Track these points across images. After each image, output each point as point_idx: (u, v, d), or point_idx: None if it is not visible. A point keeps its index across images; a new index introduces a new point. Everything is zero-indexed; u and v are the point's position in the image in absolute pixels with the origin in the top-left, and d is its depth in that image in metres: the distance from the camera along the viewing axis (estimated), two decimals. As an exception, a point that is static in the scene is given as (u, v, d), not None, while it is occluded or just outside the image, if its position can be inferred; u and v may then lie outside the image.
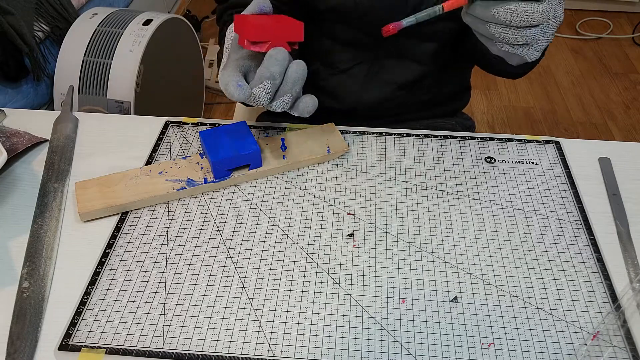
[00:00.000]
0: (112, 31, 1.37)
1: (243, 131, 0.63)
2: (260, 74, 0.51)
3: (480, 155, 0.66)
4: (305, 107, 0.55)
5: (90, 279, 0.52)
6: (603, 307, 0.50)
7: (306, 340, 0.48)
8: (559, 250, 0.55)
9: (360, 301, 0.50)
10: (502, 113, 1.97)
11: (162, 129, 0.70)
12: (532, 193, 0.61)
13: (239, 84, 0.50)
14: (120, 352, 0.47)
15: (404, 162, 0.65)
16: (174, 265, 0.54)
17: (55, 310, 0.50)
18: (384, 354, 0.47)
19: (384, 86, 0.76)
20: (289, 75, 0.52)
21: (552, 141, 0.68)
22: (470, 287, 0.52)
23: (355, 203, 0.60)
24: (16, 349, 0.47)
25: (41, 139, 0.68)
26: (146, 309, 0.50)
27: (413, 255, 0.54)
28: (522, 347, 0.47)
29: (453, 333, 0.48)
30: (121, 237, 0.56)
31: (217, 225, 0.58)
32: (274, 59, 0.51)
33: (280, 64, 0.51)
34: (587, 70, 2.17)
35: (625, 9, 2.48)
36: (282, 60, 0.51)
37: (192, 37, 1.66)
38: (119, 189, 0.59)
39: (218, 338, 0.48)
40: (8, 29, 1.24)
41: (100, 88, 1.34)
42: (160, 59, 1.45)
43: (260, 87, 0.51)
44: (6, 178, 0.64)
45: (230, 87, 0.51)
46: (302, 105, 0.55)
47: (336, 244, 0.56)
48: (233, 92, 0.50)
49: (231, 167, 0.61)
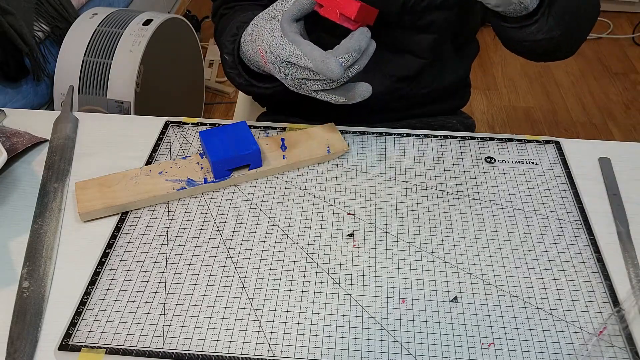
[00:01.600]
0: (112, 31, 1.37)
1: (243, 131, 0.63)
2: (349, 45, 0.53)
3: (480, 155, 0.66)
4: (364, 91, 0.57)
5: (90, 279, 0.52)
6: (603, 307, 0.50)
7: (306, 340, 0.48)
8: (559, 250, 0.55)
9: (360, 301, 0.50)
10: (502, 113, 1.97)
11: (162, 129, 0.70)
12: (532, 193, 0.61)
13: (340, 61, 0.52)
14: (120, 352, 0.47)
15: (404, 162, 0.65)
16: (174, 265, 0.54)
17: (55, 310, 0.50)
18: (384, 354, 0.47)
19: (383, 79, 0.76)
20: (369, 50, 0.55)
21: (552, 141, 0.68)
22: (470, 287, 0.52)
23: (355, 203, 0.60)
24: (16, 349, 0.47)
25: (41, 139, 0.68)
26: (146, 309, 0.50)
27: (413, 255, 0.54)
28: (522, 347, 0.47)
29: (453, 333, 0.48)
30: (121, 237, 0.56)
31: (217, 225, 0.58)
32: (364, 35, 0.54)
33: (367, 43, 0.54)
34: (587, 70, 2.17)
35: (625, 9, 2.48)
36: (369, 39, 0.54)
37: (192, 37, 1.66)
38: (119, 189, 0.59)
39: (218, 338, 0.48)
40: (8, 29, 1.24)
41: (100, 88, 1.34)
42: (160, 59, 1.45)
43: (344, 57, 0.53)
44: (6, 178, 0.64)
45: (331, 62, 0.52)
46: (361, 89, 0.57)
47: (336, 244, 0.56)
48: (334, 68, 0.52)
49: (231, 167, 0.61)
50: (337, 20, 0.55)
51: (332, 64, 0.52)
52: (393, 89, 0.77)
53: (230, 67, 0.66)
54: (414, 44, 0.73)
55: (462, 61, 0.81)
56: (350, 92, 0.57)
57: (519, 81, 2.12)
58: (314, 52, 0.53)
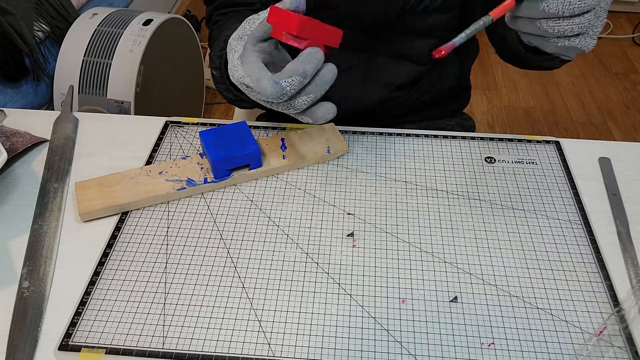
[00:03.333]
0: (112, 31, 1.37)
1: (243, 131, 0.63)
2: (292, 69, 0.48)
3: (480, 155, 0.66)
4: (325, 113, 0.52)
5: (90, 279, 0.52)
6: (603, 307, 0.50)
7: (306, 340, 0.48)
8: (559, 250, 0.55)
9: (360, 301, 0.50)
10: (502, 113, 1.97)
11: (162, 129, 0.70)
12: (532, 193, 0.61)
13: (273, 80, 0.48)
14: (120, 352, 0.47)
15: (404, 162, 0.65)
16: (174, 265, 0.54)
17: (55, 310, 0.50)
18: (384, 354, 0.47)
19: (381, 88, 0.75)
20: (321, 76, 0.50)
21: (552, 141, 0.68)
22: (470, 287, 0.52)
23: (355, 203, 0.60)
24: (16, 349, 0.47)
25: (41, 139, 0.68)
26: (146, 309, 0.50)
27: (413, 255, 0.54)
28: (522, 347, 0.47)
29: (453, 333, 0.48)
30: (121, 237, 0.56)
31: (217, 225, 0.58)
32: (312, 57, 0.48)
33: (315, 64, 0.49)
34: (587, 70, 2.17)
35: (625, 9, 2.48)
36: (318, 61, 0.49)
37: (192, 37, 1.66)
38: (119, 189, 0.59)
39: (218, 338, 0.48)
40: (8, 29, 1.25)
41: (100, 88, 1.34)
42: (160, 59, 1.45)
43: (287, 81, 0.48)
44: (6, 178, 0.64)
45: (264, 82, 0.49)
46: (322, 110, 0.52)
47: (336, 244, 0.56)
48: (267, 87, 0.48)
49: (231, 167, 0.61)
50: (282, 40, 0.50)
51: (264, 85, 0.49)
52: (391, 98, 0.76)
53: (219, 82, 0.64)
54: (413, 50, 0.73)
55: (462, 64, 0.81)
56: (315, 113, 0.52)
57: (519, 81, 2.12)
58: (253, 73, 0.50)
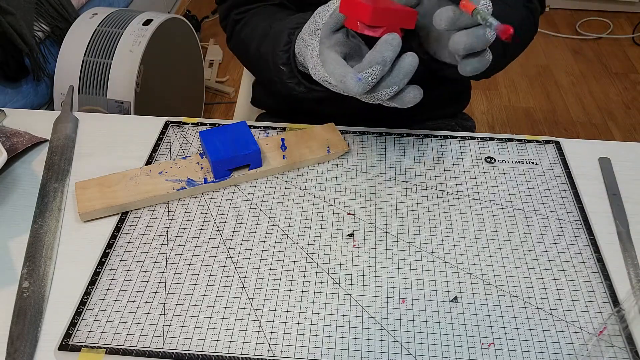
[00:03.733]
0: (112, 31, 1.37)
1: (243, 131, 0.63)
2: (371, 58, 0.47)
3: (480, 155, 0.66)
4: (412, 98, 0.50)
5: (90, 279, 0.52)
6: (603, 307, 0.50)
7: (306, 340, 0.48)
8: (559, 250, 0.55)
9: (360, 301, 0.50)
10: (502, 113, 1.97)
11: (162, 129, 0.70)
12: (532, 193, 0.61)
13: (358, 77, 0.47)
14: (120, 352, 0.47)
15: (404, 162, 0.65)
16: (174, 265, 0.54)
17: (55, 310, 0.50)
18: (384, 354, 0.47)
19: None
20: (403, 67, 0.48)
21: (552, 141, 0.68)
22: (470, 287, 0.52)
23: (355, 203, 0.60)
24: (16, 349, 0.47)
25: (41, 139, 0.68)
26: (146, 309, 0.50)
27: (413, 255, 0.54)
28: (522, 347, 0.47)
29: (453, 333, 0.48)
30: (121, 237, 0.56)
31: (217, 225, 0.58)
32: (389, 44, 0.47)
33: (394, 50, 0.47)
34: (587, 70, 2.17)
35: (625, 9, 2.48)
36: (396, 47, 0.47)
37: (192, 37, 1.66)
38: (119, 189, 0.59)
39: (218, 338, 0.48)
40: (8, 29, 1.25)
41: (100, 88, 1.34)
42: (160, 59, 1.45)
43: (367, 72, 0.47)
44: (6, 178, 0.64)
45: (348, 81, 0.47)
46: (410, 96, 0.50)
47: (336, 244, 0.56)
48: (352, 86, 0.47)
49: (231, 167, 0.61)
50: (357, 30, 0.49)
51: (349, 83, 0.47)
52: None
53: (289, 77, 0.62)
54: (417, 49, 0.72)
55: None
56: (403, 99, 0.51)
57: (519, 81, 2.12)
58: (336, 71, 0.49)
